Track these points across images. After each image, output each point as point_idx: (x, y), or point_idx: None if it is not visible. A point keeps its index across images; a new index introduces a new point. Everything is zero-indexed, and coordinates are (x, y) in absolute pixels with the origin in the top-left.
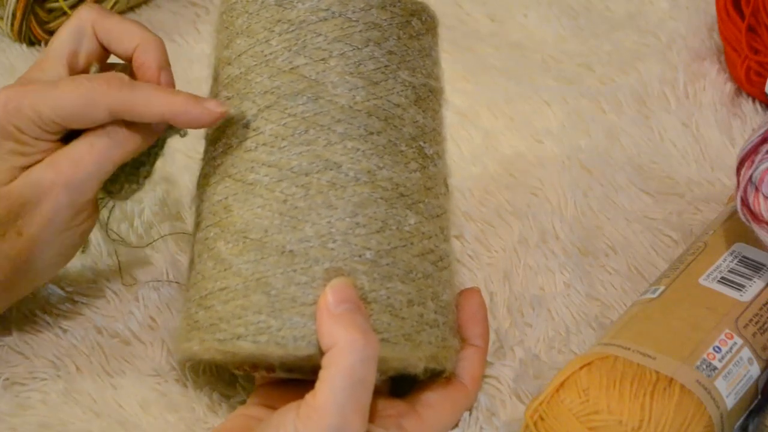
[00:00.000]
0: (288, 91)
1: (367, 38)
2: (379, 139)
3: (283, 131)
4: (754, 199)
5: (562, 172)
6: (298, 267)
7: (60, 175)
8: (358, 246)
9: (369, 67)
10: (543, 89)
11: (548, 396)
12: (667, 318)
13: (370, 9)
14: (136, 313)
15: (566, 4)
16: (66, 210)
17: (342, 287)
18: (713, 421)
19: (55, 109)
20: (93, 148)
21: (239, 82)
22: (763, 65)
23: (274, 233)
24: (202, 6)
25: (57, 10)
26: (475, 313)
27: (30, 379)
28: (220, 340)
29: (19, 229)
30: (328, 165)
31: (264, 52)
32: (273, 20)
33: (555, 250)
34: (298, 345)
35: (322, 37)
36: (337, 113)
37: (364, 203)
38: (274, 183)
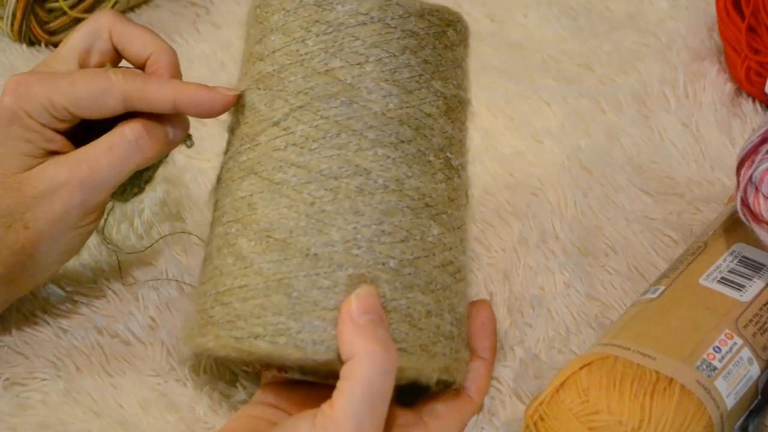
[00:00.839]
0: (322, 92)
1: (404, 46)
2: (409, 148)
3: (315, 133)
4: (754, 199)
5: (562, 172)
6: (321, 271)
7: (76, 174)
8: (383, 254)
9: (404, 75)
10: (543, 89)
11: (548, 396)
12: (667, 318)
13: (408, 17)
14: (136, 313)
15: (566, 4)
16: (77, 209)
17: (367, 297)
18: (713, 421)
19: (68, 96)
20: (112, 151)
21: (272, 79)
22: (763, 65)
23: (299, 235)
24: (202, 6)
25: (57, 10)
26: (485, 325)
27: (30, 379)
28: (237, 338)
29: (26, 222)
30: (358, 170)
31: (299, 51)
32: (311, 20)
33: (555, 250)
34: (317, 349)
35: (360, 41)
36: (369, 119)
37: (391, 211)
38: (302, 184)
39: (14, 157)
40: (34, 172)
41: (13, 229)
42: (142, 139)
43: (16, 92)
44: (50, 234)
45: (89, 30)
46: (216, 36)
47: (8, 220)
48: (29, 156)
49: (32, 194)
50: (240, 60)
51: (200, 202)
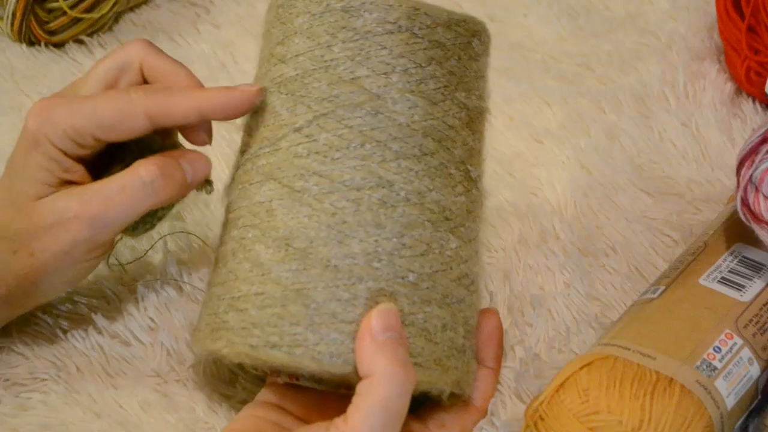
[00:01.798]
0: (347, 101)
1: (430, 56)
2: (432, 160)
3: (338, 142)
4: (754, 199)
5: (562, 172)
6: (341, 283)
7: (86, 210)
8: (402, 268)
9: (430, 87)
10: (543, 89)
11: (548, 396)
12: (667, 318)
13: (436, 27)
14: (136, 314)
15: (566, 4)
16: (84, 244)
17: (389, 313)
18: (713, 421)
19: (92, 120)
20: (125, 191)
21: (294, 83)
22: (763, 65)
23: (319, 245)
24: (202, 6)
25: (57, 10)
26: (492, 335)
27: (30, 380)
28: (253, 346)
29: (32, 251)
30: (381, 182)
31: (324, 57)
32: (337, 26)
33: (555, 250)
34: (334, 362)
35: (387, 50)
36: (394, 130)
37: (412, 225)
38: (324, 194)
39: (31, 183)
40: (46, 202)
41: (19, 255)
42: (157, 182)
43: (40, 118)
44: (55, 265)
45: (120, 59)
46: (216, 36)
47: (15, 245)
48: (45, 184)
49: (41, 224)
50: (241, 60)
51: (200, 201)
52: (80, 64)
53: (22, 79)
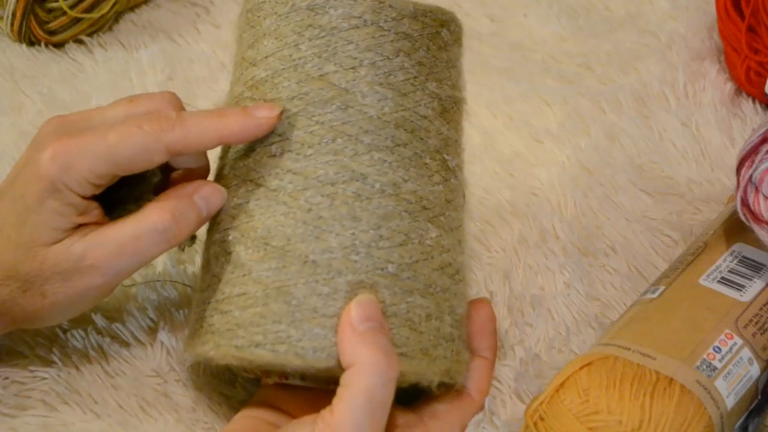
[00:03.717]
0: (317, 98)
1: (398, 48)
2: (406, 151)
3: (310, 139)
4: (754, 199)
5: (562, 172)
6: (320, 278)
7: (100, 259)
8: (381, 259)
9: (398, 78)
10: (543, 89)
11: (548, 396)
12: (667, 318)
13: (402, 19)
14: (136, 314)
15: (566, 4)
16: (97, 289)
17: (367, 304)
18: (713, 421)
19: (110, 162)
20: (139, 241)
21: (265, 84)
22: (763, 65)
23: (296, 242)
24: (202, 6)
25: (57, 10)
26: (485, 325)
27: (30, 379)
28: (238, 346)
29: (43, 292)
30: (354, 176)
31: (293, 56)
32: (303, 24)
33: (555, 249)
34: (318, 357)
35: (353, 45)
36: (365, 123)
37: (389, 216)
38: (299, 191)
39: (44, 230)
40: (60, 248)
41: (30, 294)
42: (172, 230)
43: (57, 165)
44: (65, 305)
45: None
46: (216, 36)
47: (26, 285)
48: (59, 230)
49: (54, 270)
50: None
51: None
52: (80, 64)
53: (22, 79)
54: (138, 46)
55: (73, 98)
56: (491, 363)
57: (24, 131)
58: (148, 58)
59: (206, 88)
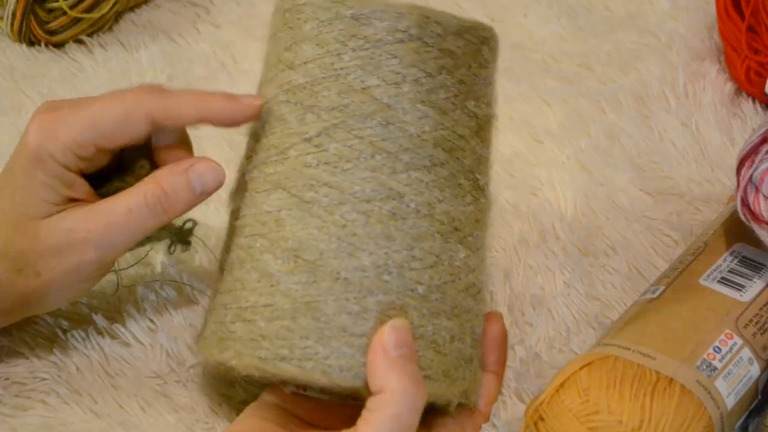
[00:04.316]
0: (358, 111)
1: (441, 65)
2: (442, 171)
3: (349, 153)
4: (754, 199)
5: (562, 172)
6: (351, 296)
7: (93, 231)
8: (412, 280)
9: (440, 96)
10: (543, 89)
11: (548, 396)
12: (668, 318)
13: (446, 35)
14: (136, 315)
15: (566, 4)
16: (91, 264)
17: (402, 329)
18: (713, 421)
19: (93, 128)
20: (130, 214)
21: (303, 91)
22: (763, 65)
23: (329, 258)
24: (202, 6)
25: (57, 10)
26: (496, 339)
27: (30, 379)
28: (261, 358)
29: (37, 270)
30: (391, 194)
31: (334, 65)
32: (347, 34)
33: (555, 249)
34: (344, 376)
35: (397, 59)
36: (405, 141)
37: (422, 237)
38: (335, 206)
39: (34, 203)
40: (51, 222)
41: (24, 274)
42: (162, 204)
43: (41, 135)
44: (61, 283)
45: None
46: (216, 36)
47: (19, 264)
48: (49, 203)
49: (47, 244)
50: (241, 59)
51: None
52: (80, 64)
53: (22, 79)
54: (138, 46)
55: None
56: (500, 378)
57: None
58: (148, 58)
59: (206, 88)
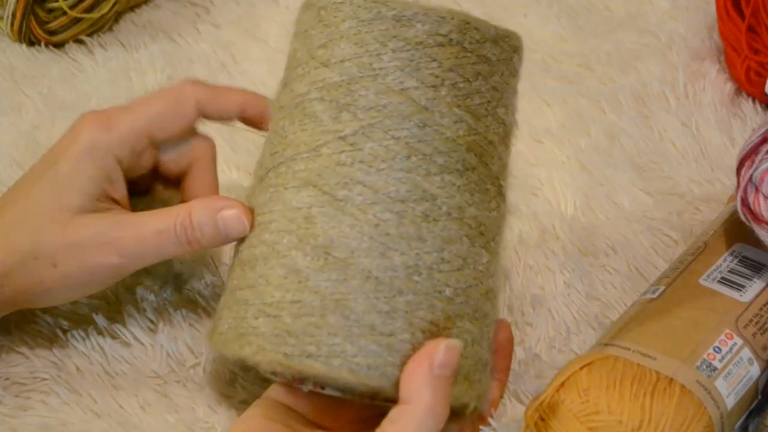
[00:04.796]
0: (395, 112)
1: (477, 71)
2: (473, 175)
3: (384, 153)
4: (754, 199)
5: (562, 172)
6: (381, 295)
7: (120, 241)
8: (440, 282)
9: (475, 102)
10: (543, 89)
11: (548, 396)
12: (667, 318)
13: (485, 42)
14: (136, 315)
15: (566, 4)
16: (110, 269)
17: (454, 351)
18: (713, 421)
19: (147, 118)
20: (159, 236)
21: (339, 89)
22: (763, 65)
23: (360, 256)
24: (202, 6)
25: (57, 10)
26: (503, 346)
27: (30, 380)
28: (287, 354)
29: (55, 261)
30: (425, 196)
31: (373, 65)
32: (388, 35)
33: (555, 249)
34: (371, 374)
35: (437, 63)
36: (440, 144)
37: (452, 240)
38: (368, 205)
39: (75, 194)
40: (82, 220)
41: (40, 262)
42: (188, 236)
43: (97, 127)
44: (75, 280)
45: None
46: (216, 36)
47: (38, 251)
48: (88, 196)
49: (72, 240)
50: (241, 59)
51: None
52: (80, 64)
53: (22, 79)
54: (138, 46)
55: (73, 98)
56: (503, 385)
57: (24, 131)
58: (148, 58)
59: None
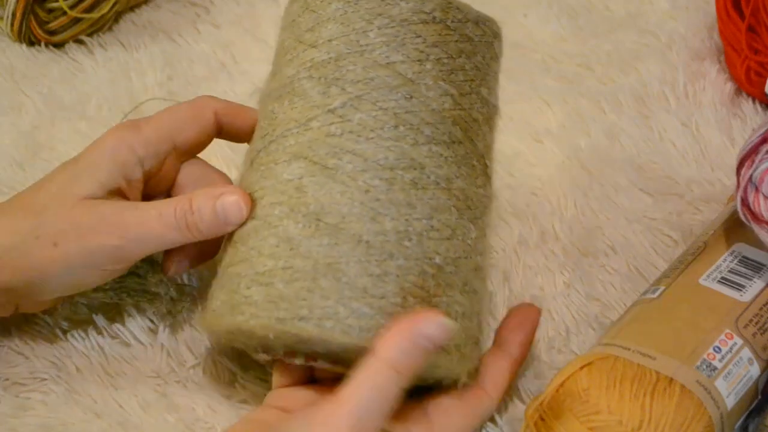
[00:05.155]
0: (382, 84)
1: (460, 49)
2: (459, 149)
3: (373, 123)
4: (754, 199)
5: (562, 172)
6: (372, 258)
7: (123, 222)
8: (430, 249)
9: (459, 78)
10: (543, 89)
11: (548, 396)
12: (668, 318)
13: (467, 22)
14: (136, 315)
15: (566, 4)
16: (110, 251)
17: (447, 330)
18: (713, 421)
19: (170, 124)
20: (160, 218)
21: (327, 66)
22: (763, 65)
23: (351, 221)
24: (202, 6)
25: (57, 10)
26: (525, 323)
27: (30, 380)
28: (279, 318)
29: (56, 241)
30: (413, 164)
31: (360, 42)
32: (373, 13)
33: (555, 250)
34: (363, 336)
35: (421, 39)
36: (426, 116)
37: (440, 208)
38: (358, 172)
39: (88, 181)
40: (90, 203)
41: (41, 241)
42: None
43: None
44: (74, 261)
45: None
46: (216, 36)
47: (39, 231)
48: (102, 185)
49: (75, 221)
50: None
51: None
52: (80, 64)
53: (22, 79)
54: (138, 46)
55: (73, 98)
56: (516, 361)
57: (24, 131)
58: (148, 58)
59: (206, 88)
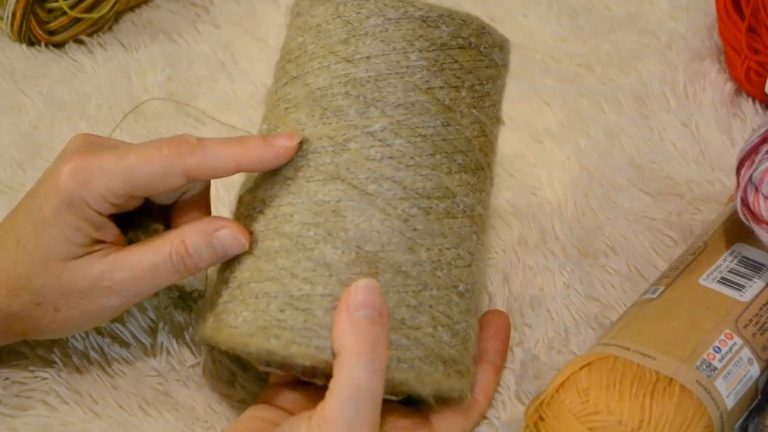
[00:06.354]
0: (422, 110)
1: (489, 75)
2: (481, 175)
3: (413, 150)
4: (754, 199)
5: (562, 172)
6: (410, 289)
7: (119, 284)
8: (456, 278)
9: (486, 104)
10: (543, 89)
11: (548, 396)
12: (667, 318)
13: (494, 47)
14: (136, 314)
15: (566, 4)
16: (111, 309)
17: (370, 289)
18: (713, 421)
19: (127, 182)
20: (156, 270)
21: (366, 85)
22: (763, 65)
23: (391, 250)
24: (202, 6)
25: (57, 10)
26: (500, 331)
27: (30, 379)
28: (320, 348)
29: (57, 306)
30: (447, 193)
31: (401, 63)
32: (415, 34)
33: (554, 250)
34: (401, 367)
35: (458, 65)
36: (460, 144)
37: (465, 236)
38: (398, 200)
39: (61, 243)
40: (77, 266)
41: (43, 308)
42: (185, 263)
43: (76, 180)
44: (77, 320)
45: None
46: (216, 36)
47: (38, 299)
48: (76, 244)
49: (72, 287)
50: (241, 60)
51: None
52: (80, 64)
53: (22, 79)
54: (138, 46)
55: (73, 98)
56: (498, 369)
57: (24, 131)
58: (148, 58)
59: (206, 88)
